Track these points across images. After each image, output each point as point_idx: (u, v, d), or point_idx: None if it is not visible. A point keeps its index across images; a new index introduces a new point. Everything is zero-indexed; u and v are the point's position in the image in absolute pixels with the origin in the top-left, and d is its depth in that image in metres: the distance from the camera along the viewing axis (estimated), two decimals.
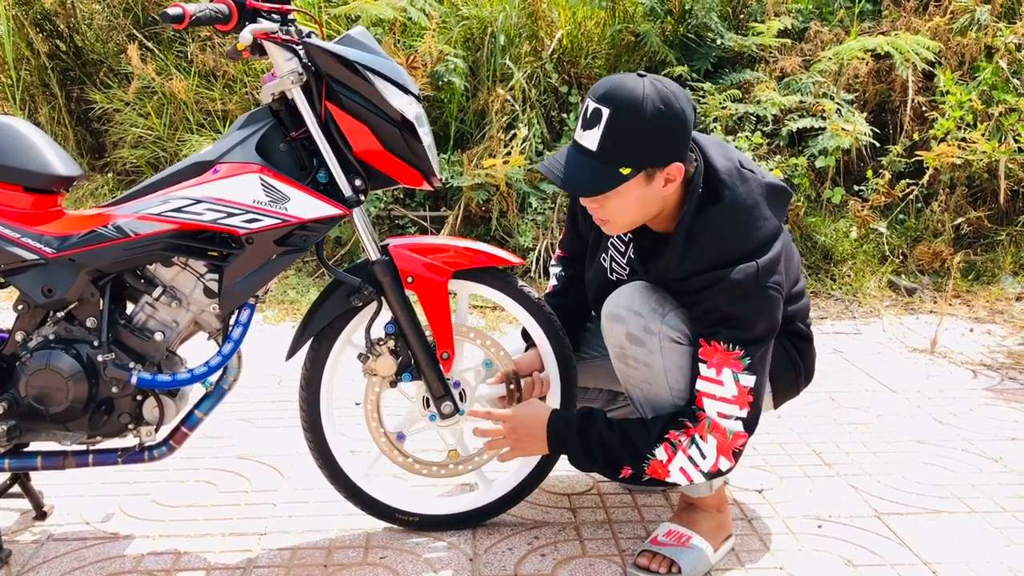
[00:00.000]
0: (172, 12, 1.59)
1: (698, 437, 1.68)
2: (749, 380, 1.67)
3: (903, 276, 4.20)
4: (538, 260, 4.07)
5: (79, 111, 5.05)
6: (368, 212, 4.10)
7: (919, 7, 4.92)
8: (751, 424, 1.70)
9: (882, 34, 4.68)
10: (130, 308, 1.84)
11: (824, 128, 4.31)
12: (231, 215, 1.69)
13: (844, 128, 4.22)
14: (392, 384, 1.89)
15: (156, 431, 1.84)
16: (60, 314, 1.78)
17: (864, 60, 4.55)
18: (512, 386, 1.91)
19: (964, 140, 4.23)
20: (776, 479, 2.26)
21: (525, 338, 2.04)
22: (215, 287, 1.77)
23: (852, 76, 4.57)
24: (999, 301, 3.98)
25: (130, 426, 1.82)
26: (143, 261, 1.76)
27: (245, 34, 1.65)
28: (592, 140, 1.64)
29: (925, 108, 4.52)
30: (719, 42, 4.73)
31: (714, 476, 1.72)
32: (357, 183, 1.78)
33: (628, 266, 1.90)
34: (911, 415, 2.71)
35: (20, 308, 1.80)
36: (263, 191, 1.70)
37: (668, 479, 1.73)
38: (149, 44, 4.85)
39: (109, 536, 1.97)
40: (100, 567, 1.84)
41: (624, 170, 1.63)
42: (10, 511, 2.05)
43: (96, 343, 1.76)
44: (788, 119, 4.41)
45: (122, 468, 2.20)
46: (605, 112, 1.62)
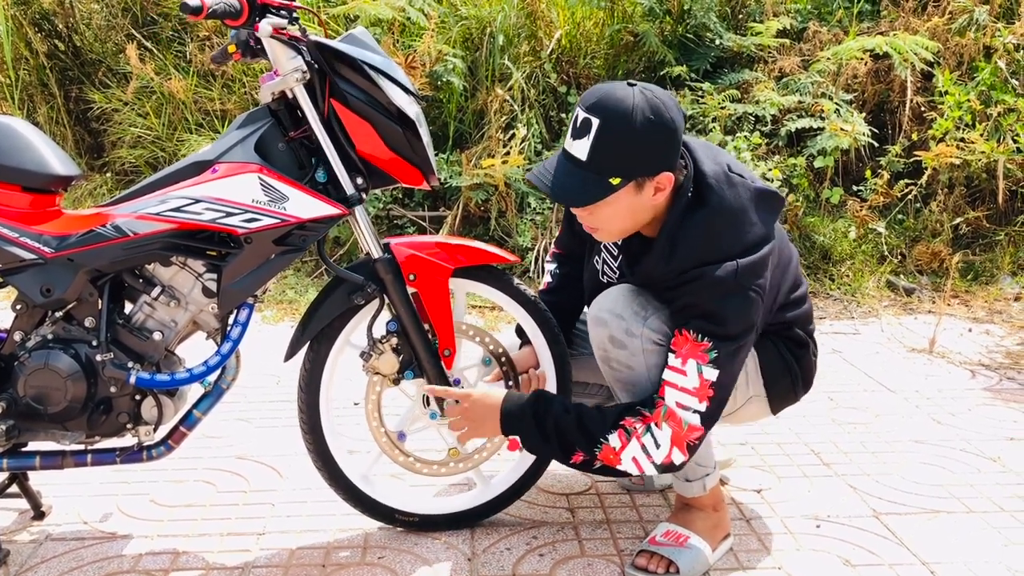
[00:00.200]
0: (191, 3, 1.58)
1: (653, 426, 1.67)
2: (712, 374, 1.66)
3: (902, 276, 4.20)
4: (537, 260, 4.07)
5: (78, 111, 5.05)
6: (367, 212, 4.10)
7: (918, 7, 4.92)
8: (709, 419, 1.69)
9: (881, 34, 4.68)
10: (129, 308, 1.83)
11: (823, 128, 4.31)
12: (230, 215, 1.69)
13: (843, 128, 4.22)
14: (395, 382, 1.89)
15: (154, 431, 1.84)
16: (59, 314, 1.78)
17: (863, 60, 4.56)
18: (505, 368, 1.93)
19: (963, 140, 4.23)
20: (774, 479, 2.26)
21: (520, 335, 2.05)
22: (214, 287, 1.77)
23: (851, 76, 4.58)
24: (997, 301, 3.99)
25: (128, 426, 1.82)
26: (142, 261, 1.76)
27: (264, 25, 1.66)
28: (582, 150, 1.64)
29: (924, 108, 4.53)
30: (718, 42, 4.73)
31: (667, 469, 1.70)
32: (358, 181, 1.78)
33: (619, 269, 1.91)
34: (909, 415, 2.71)
35: (18, 308, 1.80)
36: (262, 191, 1.70)
37: (619, 467, 1.71)
38: (148, 44, 4.85)
39: (107, 536, 1.97)
40: (98, 567, 1.84)
41: (614, 180, 1.63)
42: (8, 511, 2.05)
43: (95, 343, 1.76)
44: (787, 119, 4.42)
45: (120, 468, 2.20)
46: (595, 122, 1.62)
